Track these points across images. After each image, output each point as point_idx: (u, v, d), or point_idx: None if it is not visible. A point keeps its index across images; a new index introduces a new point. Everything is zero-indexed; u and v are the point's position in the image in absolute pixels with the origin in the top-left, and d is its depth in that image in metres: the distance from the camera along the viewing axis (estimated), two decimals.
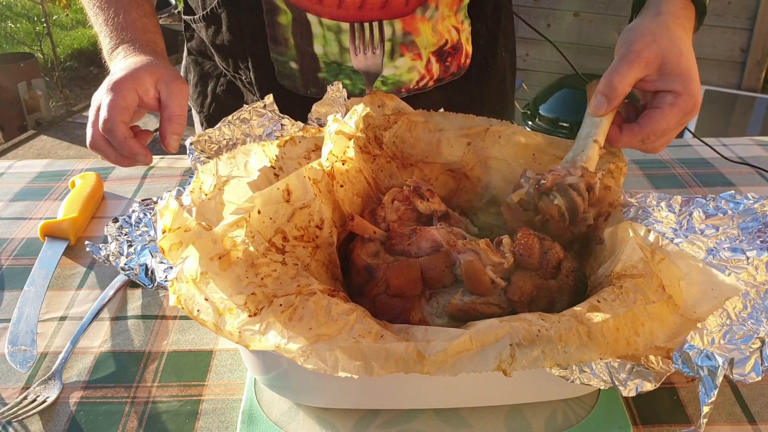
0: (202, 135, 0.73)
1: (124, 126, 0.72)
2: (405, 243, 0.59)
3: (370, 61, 0.87)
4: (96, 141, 0.73)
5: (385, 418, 0.55)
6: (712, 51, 2.88)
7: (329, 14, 0.84)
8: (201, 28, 0.96)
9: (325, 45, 0.87)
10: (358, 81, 0.90)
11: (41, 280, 0.72)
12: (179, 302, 0.47)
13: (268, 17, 0.86)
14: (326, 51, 0.87)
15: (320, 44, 0.87)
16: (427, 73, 0.92)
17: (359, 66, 0.88)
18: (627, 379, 0.45)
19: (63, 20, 5.17)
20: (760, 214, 0.58)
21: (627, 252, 0.54)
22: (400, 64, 0.89)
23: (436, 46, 0.90)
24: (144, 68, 0.75)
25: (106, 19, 0.83)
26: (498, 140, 0.70)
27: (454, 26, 0.91)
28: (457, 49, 0.93)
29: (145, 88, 0.74)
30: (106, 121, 0.71)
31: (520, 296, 0.55)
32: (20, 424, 0.56)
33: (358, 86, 0.90)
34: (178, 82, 0.76)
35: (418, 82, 0.92)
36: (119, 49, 0.81)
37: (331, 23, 0.85)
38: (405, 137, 0.70)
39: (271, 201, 0.54)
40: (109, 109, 0.71)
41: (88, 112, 0.75)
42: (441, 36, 0.90)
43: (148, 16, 0.85)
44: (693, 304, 0.50)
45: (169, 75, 0.76)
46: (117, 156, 0.74)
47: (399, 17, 0.86)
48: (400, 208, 0.64)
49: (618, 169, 0.67)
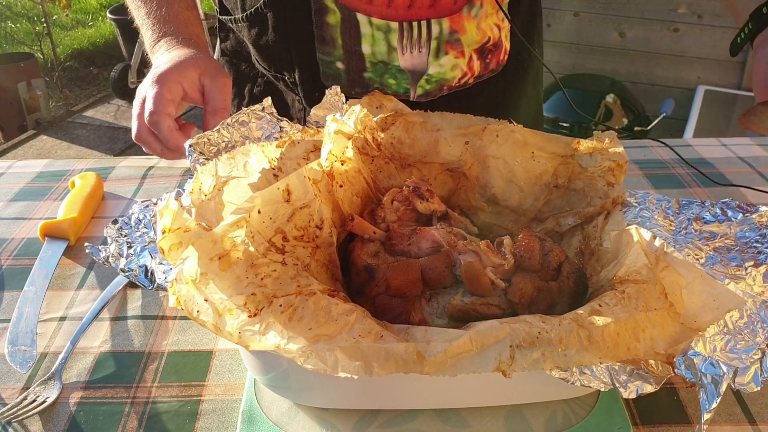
0: (201, 137, 0.73)
1: (170, 119, 0.72)
2: (405, 243, 0.59)
3: (417, 60, 0.88)
4: (141, 134, 0.73)
5: (385, 418, 0.55)
6: (712, 51, 2.88)
7: (379, 14, 0.84)
8: (243, 28, 0.95)
9: (374, 44, 0.87)
10: (402, 80, 0.90)
11: (41, 280, 0.72)
12: (179, 303, 0.47)
13: (316, 17, 0.86)
14: (374, 50, 0.87)
15: (368, 44, 0.87)
16: (468, 71, 0.92)
17: (405, 65, 0.88)
18: (627, 381, 0.45)
19: (63, 20, 5.17)
20: (757, 225, 0.58)
21: (631, 257, 0.54)
22: (444, 62, 0.90)
23: (479, 43, 0.91)
24: (189, 61, 0.75)
25: (148, 12, 0.84)
26: (496, 139, 0.70)
27: (496, 23, 0.92)
28: (498, 47, 0.93)
29: (191, 81, 0.75)
30: (152, 114, 0.71)
31: (521, 298, 0.55)
32: (20, 424, 0.56)
33: (403, 85, 0.90)
34: (222, 76, 0.76)
35: (459, 79, 0.92)
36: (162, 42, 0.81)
37: (381, 23, 0.85)
38: (403, 138, 0.70)
39: (271, 201, 0.54)
40: (155, 101, 0.71)
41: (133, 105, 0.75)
42: (484, 34, 0.90)
43: (190, 8, 0.86)
44: (694, 313, 0.50)
45: (214, 68, 0.77)
46: (162, 149, 0.74)
47: (447, 16, 0.86)
48: (400, 208, 0.64)
49: (618, 167, 0.67)
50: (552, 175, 0.69)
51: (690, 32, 2.87)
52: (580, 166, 0.68)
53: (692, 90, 2.93)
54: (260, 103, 0.76)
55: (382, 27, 0.85)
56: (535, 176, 0.70)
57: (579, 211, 0.66)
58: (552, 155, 0.70)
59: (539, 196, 0.70)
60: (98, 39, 4.82)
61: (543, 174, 0.70)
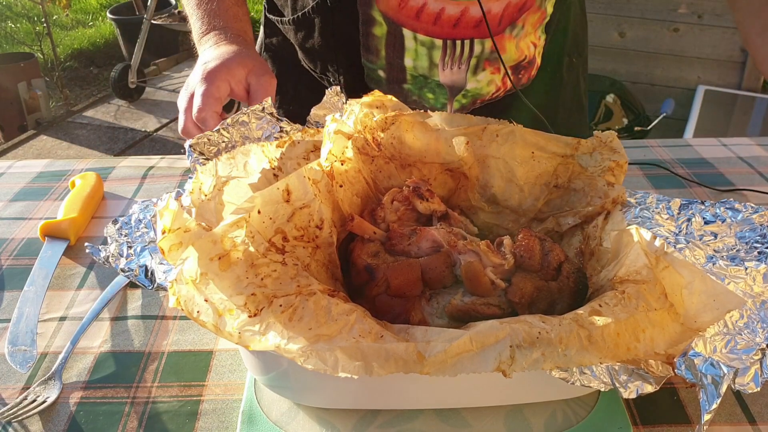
0: (201, 137, 0.73)
1: (217, 116, 0.74)
2: (405, 243, 0.59)
3: (456, 76, 0.90)
4: (188, 129, 0.75)
5: (385, 418, 0.55)
6: (712, 51, 2.88)
7: (425, 30, 0.86)
8: (289, 30, 0.96)
9: (416, 59, 0.88)
10: (440, 95, 0.91)
11: (41, 280, 0.72)
12: (179, 303, 0.47)
13: (363, 27, 0.87)
14: (416, 65, 0.89)
15: (411, 58, 0.88)
16: (502, 86, 0.94)
17: (445, 80, 0.90)
18: (627, 381, 0.45)
19: (63, 20, 5.17)
20: (757, 225, 0.59)
21: (631, 257, 0.54)
22: (481, 78, 0.91)
23: (516, 61, 0.92)
24: (236, 59, 0.77)
25: (198, 3, 0.85)
26: (495, 139, 0.70)
27: (533, 42, 0.93)
28: (531, 63, 0.95)
29: (238, 79, 0.76)
30: (200, 110, 0.73)
31: (521, 297, 0.55)
32: (20, 424, 0.56)
33: (441, 100, 0.92)
34: (267, 76, 0.78)
35: (493, 94, 0.94)
36: (210, 35, 0.83)
37: (425, 39, 0.87)
38: (402, 138, 0.70)
39: (271, 201, 0.54)
40: (204, 98, 0.73)
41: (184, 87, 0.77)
42: (522, 52, 0.92)
43: (240, 5, 0.87)
44: (694, 313, 0.50)
45: (260, 68, 0.78)
46: None
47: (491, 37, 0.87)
48: (400, 208, 0.64)
49: (618, 166, 0.67)
50: (552, 175, 0.69)
51: (690, 32, 2.87)
52: (580, 166, 0.68)
53: (692, 90, 2.93)
54: (260, 104, 0.76)
55: (427, 43, 0.87)
56: (535, 176, 0.70)
57: (579, 210, 0.66)
58: (552, 155, 0.69)
59: (539, 196, 0.70)
60: (98, 39, 4.82)
61: (543, 174, 0.70)
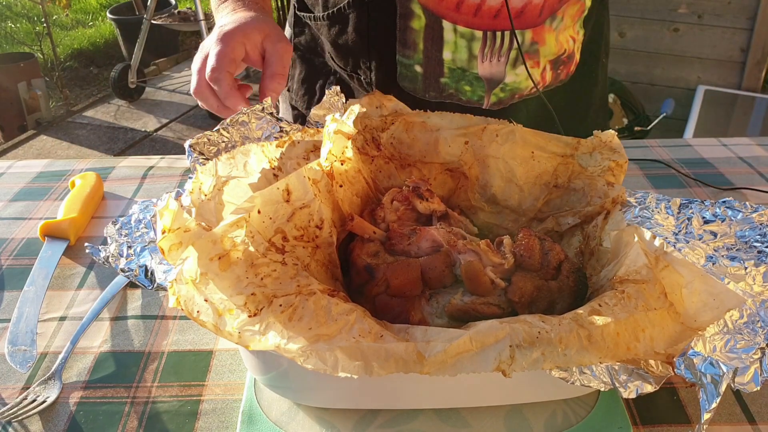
0: (201, 137, 0.73)
1: (231, 77, 0.73)
2: (405, 243, 0.59)
3: (495, 69, 0.89)
4: (201, 88, 0.74)
5: (385, 418, 0.55)
6: (712, 51, 2.88)
7: (465, 22, 0.85)
8: (322, 26, 0.95)
9: (455, 51, 0.88)
10: (478, 87, 0.91)
11: (41, 280, 0.72)
12: (179, 303, 0.47)
13: (400, 21, 0.87)
14: (455, 57, 0.88)
15: (450, 51, 0.88)
16: (541, 80, 0.93)
17: (484, 73, 0.89)
18: (627, 381, 0.45)
19: (63, 20, 5.17)
20: (757, 224, 0.59)
21: (631, 257, 0.54)
22: (520, 71, 0.90)
23: (555, 55, 0.92)
24: (253, 24, 0.76)
25: None
26: (495, 139, 0.70)
27: (572, 36, 0.93)
28: (570, 58, 0.95)
29: (254, 43, 0.75)
30: (214, 70, 0.72)
31: (521, 297, 0.55)
32: (20, 424, 0.56)
33: (478, 93, 0.91)
34: (283, 42, 0.77)
35: (531, 89, 0.93)
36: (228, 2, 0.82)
37: (466, 31, 0.86)
38: (402, 138, 0.70)
39: (271, 201, 0.54)
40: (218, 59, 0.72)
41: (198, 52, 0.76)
42: (561, 46, 0.91)
43: None
44: (694, 312, 0.50)
45: (276, 34, 0.77)
46: (219, 105, 0.75)
47: (531, 27, 0.87)
48: (400, 208, 0.64)
49: (618, 166, 0.67)
50: (552, 174, 0.69)
51: (690, 32, 2.87)
52: (580, 166, 0.68)
53: (692, 90, 2.93)
54: (260, 104, 0.76)
55: (467, 35, 0.87)
56: (535, 176, 0.70)
57: (579, 210, 0.66)
58: (552, 155, 0.70)
59: (539, 195, 0.70)
60: (98, 39, 4.82)
61: (543, 174, 0.70)
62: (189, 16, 3.85)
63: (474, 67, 0.89)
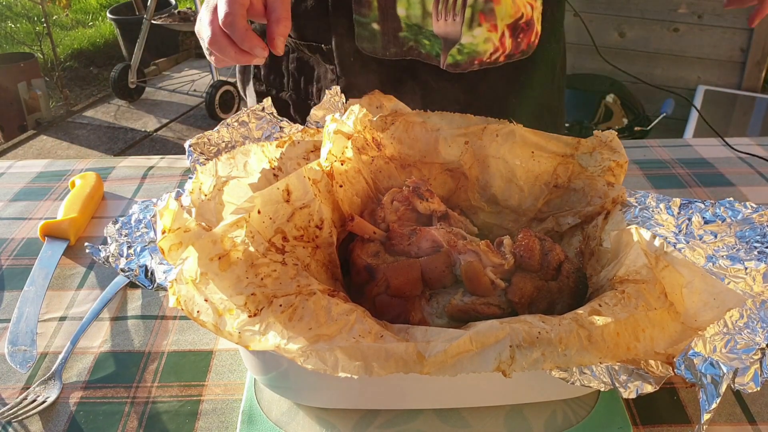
0: (201, 137, 0.73)
1: (245, 20, 0.73)
2: (405, 243, 0.59)
3: (450, 28, 0.90)
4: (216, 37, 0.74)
5: (385, 418, 0.55)
6: (712, 51, 2.88)
7: None
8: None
9: (408, 8, 0.89)
10: (436, 44, 0.92)
11: (41, 280, 0.72)
12: (179, 303, 0.47)
13: None
14: (409, 14, 0.90)
15: (403, 7, 0.89)
16: (500, 46, 0.94)
17: (439, 31, 0.90)
18: (627, 381, 0.46)
19: (63, 20, 5.17)
20: (757, 224, 0.59)
21: (631, 257, 0.54)
22: (477, 33, 0.91)
23: (512, 18, 0.92)
24: None
25: None
26: (495, 139, 0.70)
27: (530, 2, 0.94)
28: (530, 26, 0.95)
29: None
30: (227, 15, 0.71)
31: (521, 297, 0.55)
32: (20, 424, 0.56)
33: (436, 49, 0.92)
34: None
35: (491, 54, 0.94)
36: None
37: None
38: (402, 138, 0.70)
39: (271, 201, 0.54)
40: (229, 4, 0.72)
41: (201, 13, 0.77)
42: (518, 9, 0.92)
43: None
44: (694, 312, 0.50)
45: None
46: (236, 52, 0.74)
47: None
48: (400, 208, 0.64)
49: (618, 166, 0.67)
50: (552, 174, 0.69)
51: (690, 32, 2.87)
52: (580, 166, 0.68)
53: (692, 90, 2.93)
54: (260, 103, 0.76)
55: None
56: (535, 176, 0.70)
57: (579, 210, 0.66)
58: (552, 155, 0.70)
59: (539, 195, 0.70)
60: (98, 39, 4.82)
61: (543, 174, 0.70)
62: (189, 16, 3.85)
63: (429, 24, 0.90)
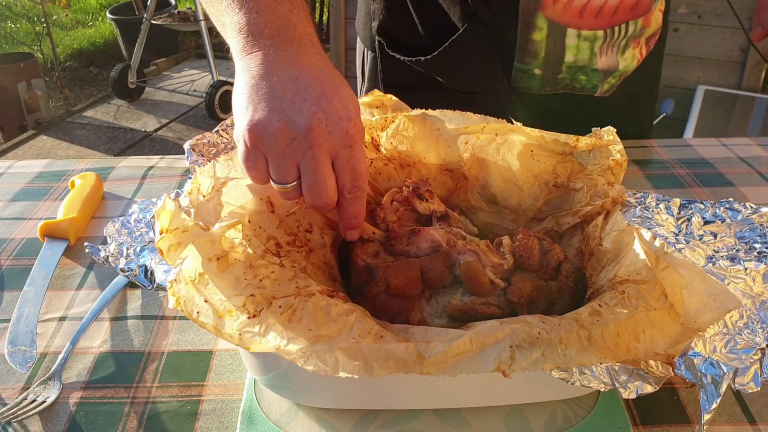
0: (200, 138, 0.73)
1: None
2: (404, 243, 0.59)
3: (611, 60, 0.92)
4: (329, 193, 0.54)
5: (385, 418, 0.55)
6: (712, 51, 2.88)
7: (588, 26, 0.87)
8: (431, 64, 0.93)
9: (577, 54, 0.90)
10: (594, 77, 0.93)
11: (41, 280, 0.72)
12: (178, 304, 0.47)
13: (522, 35, 0.89)
14: (576, 59, 0.91)
15: (572, 54, 0.90)
16: (641, 57, 0.96)
17: (602, 66, 0.92)
18: (627, 382, 0.46)
19: (63, 20, 5.17)
20: (757, 225, 0.59)
21: (631, 257, 0.54)
22: (627, 55, 0.93)
23: (653, 32, 0.95)
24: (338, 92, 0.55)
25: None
26: (495, 138, 0.70)
27: (660, 9, 0.95)
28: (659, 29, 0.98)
29: None
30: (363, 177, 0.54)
31: (520, 297, 0.55)
32: (20, 424, 0.56)
33: (593, 81, 0.94)
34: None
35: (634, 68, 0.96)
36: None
37: (589, 34, 0.88)
38: (402, 137, 0.70)
39: (258, 211, 0.54)
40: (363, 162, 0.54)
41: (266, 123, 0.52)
42: (658, 22, 0.95)
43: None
44: (694, 313, 0.50)
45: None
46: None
47: (644, 15, 0.90)
48: (399, 208, 0.64)
49: (618, 165, 0.67)
50: (551, 173, 0.69)
51: (690, 32, 2.87)
52: (580, 165, 0.68)
53: (692, 90, 2.93)
54: None
55: (590, 37, 0.89)
56: (535, 175, 0.70)
57: (578, 210, 0.66)
58: (551, 153, 0.69)
59: (539, 195, 0.70)
60: (98, 39, 4.82)
61: (542, 173, 0.70)
62: (189, 16, 3.85)
63: (594, 63, 0.91)
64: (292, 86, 0.51)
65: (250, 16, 0.55)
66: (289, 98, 0.50)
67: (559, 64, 0.91)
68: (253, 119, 0.50)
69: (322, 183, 0.51)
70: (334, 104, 0.51)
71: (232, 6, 0.56)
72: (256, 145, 0.51)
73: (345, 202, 0.54)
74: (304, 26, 0.56)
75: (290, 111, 0.50)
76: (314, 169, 0.50)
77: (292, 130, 0.49)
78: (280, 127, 0.49)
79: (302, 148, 0.50)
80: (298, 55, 0.53)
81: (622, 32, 0.89)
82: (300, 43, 0.54)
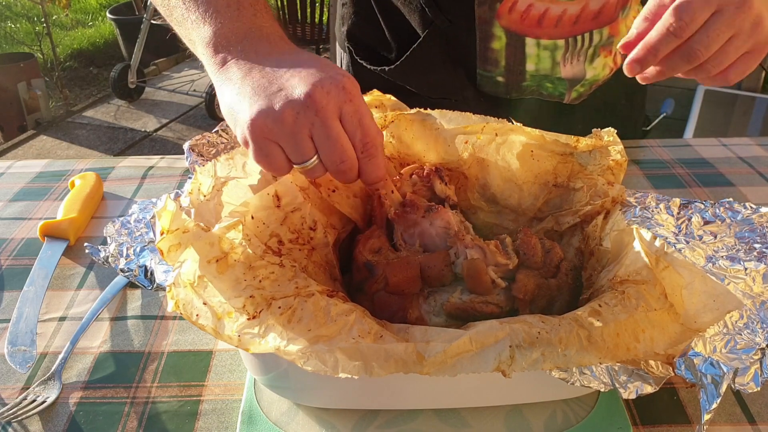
0: (200, 138, 0.73)
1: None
2: (420, 215, 0.59)
3: (576, 69, 0.91)
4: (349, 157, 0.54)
5: (385, 418, 0.55)
6: None
7: (548, 35, 0.86)
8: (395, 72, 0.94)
9: (538, 63, 0.89)
10: (560, 85, 0.92)
11: (41, 280, 0.72)
12: (178, 307, 0.47)
13: (480, 44, 0.88)
14: (538, 68, 0.90)
15: (533, 63, 0.89)
16: (614, 65, 0.94)
17: (566, 75, 0.91)
18: (627, 382, 0.45)
19: (63, 20, 5.17)
20: (757, 225, 0.59)
21: (631, 257, 0.54)
22: (596, 64, 0.92)
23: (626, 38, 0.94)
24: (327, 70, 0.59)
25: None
26: (495, 138, 0.70)
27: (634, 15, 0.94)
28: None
29: None
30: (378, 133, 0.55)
31: (525, 294, 0.55)
32: (20, 424, 0.56)
33: (559, 89, 0.93)
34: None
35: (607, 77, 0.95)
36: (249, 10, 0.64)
37: (548, 43, 0.87)
38: (402, 137, 0.70)
39: (263, 206, 0.54)
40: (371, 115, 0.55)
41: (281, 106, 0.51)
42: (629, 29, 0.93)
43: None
44: (694, 313, 0.50)
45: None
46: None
47: (608, 24, 0.88)
48: (417, 183, 0.64)
49: (618, 165, 0.67)
50: (551, 173, 0.69)
51: None
52: (580, 165, 0.68)
53: (692, 90, 2.93)
54: None
55: (549, 46, 0.88)
56: (535, 175, 0.70)
57: (578, 210, 0.66)
58: (551, 153, 0.69)
59: (539, 195, 0.70)
60: (98, 39, 4.82)
61: (542, 173, 0.70)
62: None
63: (557, 72, 0.90)
64: (275, 72, 0.52)
65: (216, 27, 0.57)
66: (277, 82, 0.51)
67: (522, 73, 0.90)
68: (251, 114, 0.50)
69: (340, 145, 0.51)
70: (322, 68, 0.52)
71: (197, 22, 0.58)
72: (265, 136, 0.51)
73: (361, 162, 0.54)
74: (269, 26, 0.58)
75: (284, 91, 0.51)
76: (328, 133, 0.50)
77: (294, 104, 0.50)
78: (281, 108, 0.50)
79: (310, 116, 0.50)
80: (271, 50, 0.55)
81: (586, 41, 0.88)
82: (269, 40, 0.56)
